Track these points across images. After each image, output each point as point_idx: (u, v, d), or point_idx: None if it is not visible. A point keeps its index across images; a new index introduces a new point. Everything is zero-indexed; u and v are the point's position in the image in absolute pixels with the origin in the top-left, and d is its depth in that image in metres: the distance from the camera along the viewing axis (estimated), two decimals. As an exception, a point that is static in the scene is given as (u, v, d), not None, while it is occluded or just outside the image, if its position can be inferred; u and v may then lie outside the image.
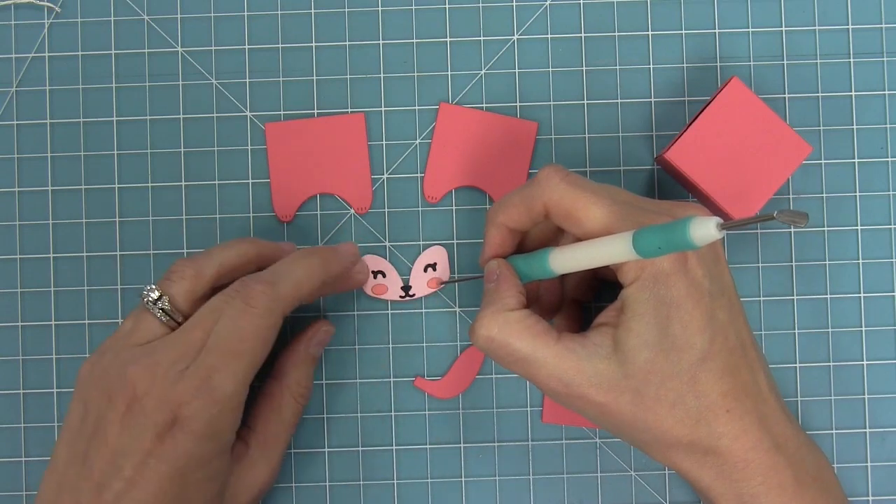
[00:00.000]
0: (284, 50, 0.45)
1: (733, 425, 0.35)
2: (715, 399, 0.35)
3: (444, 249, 0.45)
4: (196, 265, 0.38)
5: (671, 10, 0.45)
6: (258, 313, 0.37)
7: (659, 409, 0.35)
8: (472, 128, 0.44)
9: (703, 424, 0.35)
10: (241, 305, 0.37)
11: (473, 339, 0.37)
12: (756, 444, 0.36)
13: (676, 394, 0.35)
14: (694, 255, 0.35)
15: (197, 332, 0.36)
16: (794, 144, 0.41)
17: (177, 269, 0.38)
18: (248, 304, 0.37)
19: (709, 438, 0.35)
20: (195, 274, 0.38)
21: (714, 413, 0.35)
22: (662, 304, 0.35)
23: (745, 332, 0.37)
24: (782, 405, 0.38)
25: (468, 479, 0.44)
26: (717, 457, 0.36)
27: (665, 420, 0.35)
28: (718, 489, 0.36)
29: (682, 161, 0.41)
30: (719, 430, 0.35)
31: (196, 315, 0.37)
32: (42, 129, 0.45)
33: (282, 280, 0.38)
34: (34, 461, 0.45)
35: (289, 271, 0.38)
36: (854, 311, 0.44)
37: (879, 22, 0.45)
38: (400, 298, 0.44)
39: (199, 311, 0.37)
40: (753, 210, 0.41)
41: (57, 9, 0.45)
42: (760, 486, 0.36)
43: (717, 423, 0.35)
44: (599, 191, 0.36)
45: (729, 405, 0.35)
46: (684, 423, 0.35)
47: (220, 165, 0.45)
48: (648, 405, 0.35)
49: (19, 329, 0.45)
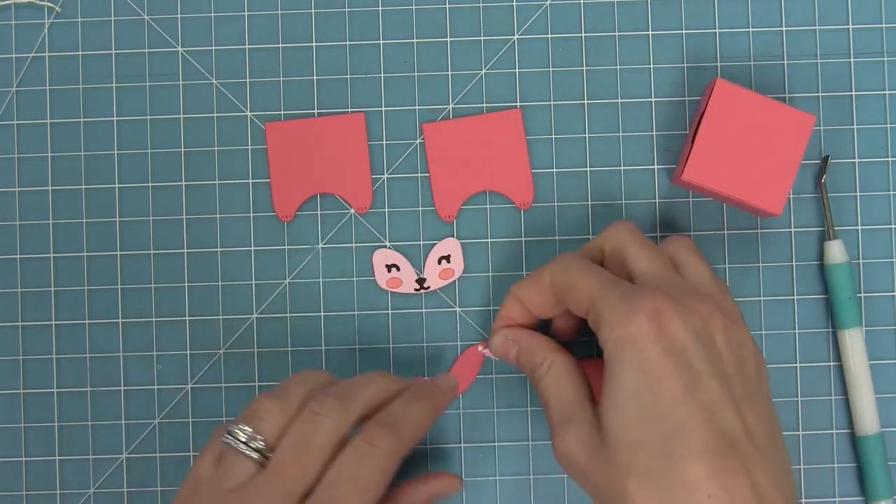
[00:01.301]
0: (284, 50, 0.45)
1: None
2: (691, 480, 0.32)
3: (457, 241, 0.45)
4: (342, 402, 0.37)
5: (671, 10, 0.45)
6: (382, 455, 0.36)
7: (630, 481, 0.33)
8: (462, 136, 0.44)
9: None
10: (365, 446, 0.36)
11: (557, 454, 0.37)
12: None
13: (646, 466, 0.33)
14: (679, 318, 0.34)
15: (296, 472, 0.35)
16: (798, 120, 0.41)
17: (260, 405, 0.37)
18: (372, 445, 0.36)
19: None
20: (344, 407, 0.36)
21: (692, 495, 0.32)
22: (633, 367, 0.34)
23: (752, 417, 0.34)
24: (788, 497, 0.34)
25: (468, 479, 0.44)
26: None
27: (636, 493, 0.33)
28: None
29: (701, 177, 0.41)
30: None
31: (286, 450, 0.36)
32: (42, 129, 0.45)
33: (402, 423, 0.37)
34: (34, 461, 0.45)
35: (407, 414, 0.37)
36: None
37: (879, 22, 0.45)
38: (415, 291, 0.44)
39: (288, 444, 0.36)
40: (784, 199, 0.41)
41: (57, 9, 0.45)
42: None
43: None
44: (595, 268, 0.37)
45: (711, 490, 0.32)
46: (655, 499, 0.32)
47: (220, 165, 0.45)
48: (620, 474, 0.33)
49: (19, 329, 0.45)
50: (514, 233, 0.45)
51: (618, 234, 0.38)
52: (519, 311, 0.40)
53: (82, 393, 0.45)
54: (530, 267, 0.45)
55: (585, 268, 0.37)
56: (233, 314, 0.45)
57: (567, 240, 0.45)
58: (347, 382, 0.38)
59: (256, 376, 0.45)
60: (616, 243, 0.38)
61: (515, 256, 0.45)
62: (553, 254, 0.45)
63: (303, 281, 0.45)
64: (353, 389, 0.38)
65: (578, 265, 0.38)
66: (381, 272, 0.44)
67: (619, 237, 0.38)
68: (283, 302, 0.45)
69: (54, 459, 0.45)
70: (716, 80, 0.41)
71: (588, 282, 0.36)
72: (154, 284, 0.45)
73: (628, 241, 0.38)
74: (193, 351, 0.45)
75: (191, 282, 0.45)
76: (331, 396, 0.37)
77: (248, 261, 0.45)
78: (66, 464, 0.45)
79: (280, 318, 0.45)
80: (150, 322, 0.45)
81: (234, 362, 0.45)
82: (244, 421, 0.37)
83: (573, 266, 0.38)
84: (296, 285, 0.45)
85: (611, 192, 0.45)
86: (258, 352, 0.45)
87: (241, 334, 0.45)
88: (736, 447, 0.33)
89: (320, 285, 0.45)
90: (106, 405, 0.45)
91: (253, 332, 0.45)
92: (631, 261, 0.37)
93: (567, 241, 0.45)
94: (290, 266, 0.45)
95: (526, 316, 0.40)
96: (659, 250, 0.38)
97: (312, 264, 0.45)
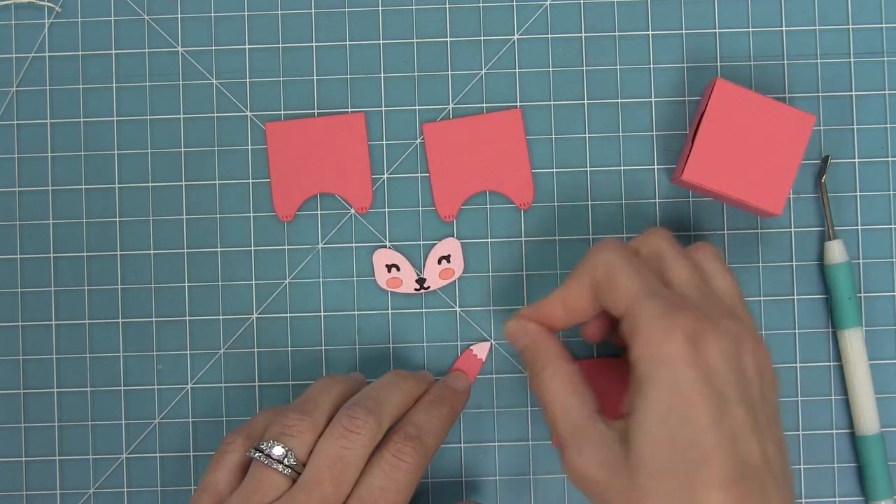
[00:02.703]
0: (284, 50, 0.45)
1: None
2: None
3: (457, 241, 0.45)
4: (373, 417, 0.37)
5: (671, 10, 0.45)
6: (410, 469, 0.37)
7: (647, 502, 0.33)
8: (462, 136, 0.44)
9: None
10: (394, 461, 0.37)
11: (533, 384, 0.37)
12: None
13: (667, 491, 0.32)
14: (715, 341, 0.34)
15: (328, 487, 0.36)
16: (797, 120, 0.41)
17: (291, 421, 0.37)
18: (400, 459, 0.37)
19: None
20: (377, 423, 0.37)
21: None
22: (666, 389, 0.33)
23: (771, 445, 0.34)
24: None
25: (468, 478, 0.44)
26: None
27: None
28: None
29: (701, 177, 0.41)
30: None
31: (321, 467, 0.36)
32: (42, 129, 0.45)
33: (426, 435, 0.38)
34: (34, 461, 0.45)
35: (430, 426, 0.39)
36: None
37: (879, 22, 0.45)
38: (415, 291, 0.44)
39: (322, 461, 0.36)
40: (784, 198, 0.41)
41: (57, 9, 0.45)
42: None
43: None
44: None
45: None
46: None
47: (220, 165, 0.45)
48: (639, 496, 0.33)
49: (19, 329, 0.45)
50: (514, 233, 0.45)
51: (656, 241, 0.38)
52: (559, 312, 0.39)
53: (82, 393, 0.45)
54: (530, 267, 0.45)
55: (629, 268, 0.36)
56: (233, 314, 0.45)
57: (567, 240, 0.45)
58: (373, 393, 0.39)
59: (256, 376, 0.45)
60: (654, 248, 0.38)
61: (515, 256, 0.45)
62: (553, 254, 0.45)
63: (303, 281, 0.45)
64: (381, 402, 0.38)
65: (623, 262, 0.36)
66: (381, 272, 0.44)
67: (657, 243, 0.38)
68: (283, 302, 0.45)
69: (54, 459, 0.45)
70: (716, 80, 0.41)
71: (630, 285, 0.36)
72: (154, 284, 0.45)
73: (667, 249, 0.37)
74: (193, 351, 0.45)
75: (191, 282, 0.45)
76: (362, 410, 0.37)
77: (248, 261, 0.45)
78: (66, 464, 0.45)
79: (280, 318, 0.45)
80: (150, 322, 0.45)
81: (234, 362, 0.45)
82: (273, 437, 0.37)
83: (618, 262, 0.36)
84: (296, 285, 0.45)
85: (611, 192, 0.45)
86: (258, 352, 0.45)
87: (241, 334, 0.45)
88: (756, 478, 0.33)
89: (320, 285, 0.45)
90: (106, 405, 0.45)
91: (253, 332, 0.45)
92: (668, 268, 0.37)
93: (567, 241, 0.45)
94: (290, 266, 0.45)
95: (562, 319, 0.39)
96: (694, 261, 0.38)
97: (312, 264, 0.45)
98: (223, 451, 0.38)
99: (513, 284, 0.45)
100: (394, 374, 0.40)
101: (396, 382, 0.40)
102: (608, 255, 0.37)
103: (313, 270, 0.45)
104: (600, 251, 0.37)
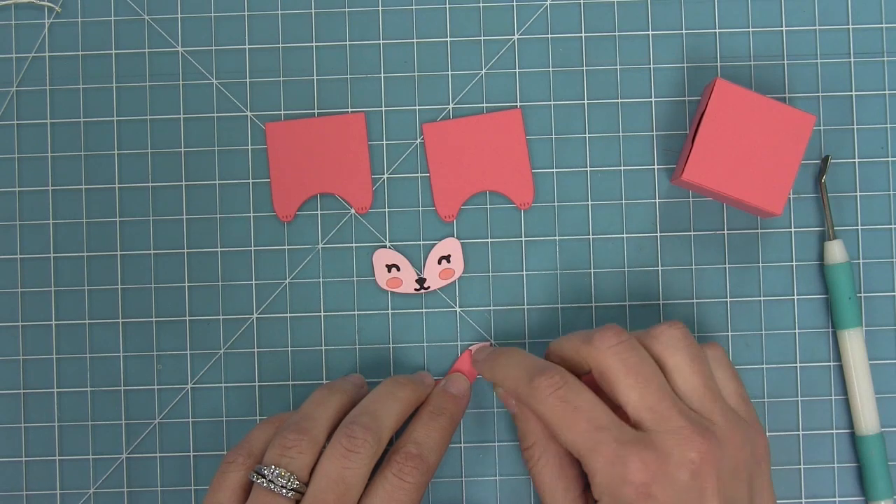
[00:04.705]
0: (284, 50, 0.45)
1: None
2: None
3: (457, 241, 0.45)
4: (372, 435, 0.37)
5: (671, 10, 0.45)
6: (412, 487, 0.37)
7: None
8: (462, 136, 0.44)
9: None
10: (397, 481, 0.37)
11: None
12: None
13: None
14: (665, 488, 0.34)
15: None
16: (797, 120, 0.41)
17: (290, 442, 0.37)
18: (403, 479, 0.37)
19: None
20: (376, 440, 0.37)
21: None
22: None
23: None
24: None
25: (468, 478, 0.44)
26: None
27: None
28: None
29: (701, 177, 0.41)
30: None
31: (324, 488, 0.36)
32: (42, 129, 0.45)
33: (427, 452, 0.38)
34: (34, 461, 0.45)
35: (430, 441, 0.39)
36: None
37: (879, 22, 0.45)
38: (415, 291, 0.44)
39: (324, 482, 0.36)
40: (784, 198, 0.41)
41: (57, 9, 0.45)
42: None
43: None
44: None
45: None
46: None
47: (220, 165, 0.45)
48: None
49: (19, 329, 0.45)
50: (514, 233, 0.45)
51: (669, 340, 0.37)
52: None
53: (82, 393, 0.45)
54: (530, 267, 0.45)
55: (627, 381, 0.36)
56: (233, 314, 0.45)
57: (567, 240, 0.45)
58: (371, 407, 0.39)
59: (256, 376, 0.45)
60: (666, 349, 0.37)
61: (515, 256, 0.45)
62: (553, 253, 0.45)
63: (303, 281, 0.45)
64: (378, 417, 0.38)
65: (622, 372, 0.36)
66: (381, 272, 0.44)
67: (669, 343, 0.37)
68: (283, 302, 0.45)
69: (54, 459, 0.45)
70: (716, 80, 0.41)
71: (579, 430, 0.36)
72: (154, 284, 0.45)
73: (681, 352, 0.37)
74: (193, 351, 0.45)
75: (191, 282, 0.45)
76: (360, 429, 0.37)
77: (248, 261, 0.45)
78: (66, 464, 0.45)
79: (280, 318, 0.45)
80: (150, 322, 0.45)
81: (234, 362, 0.45)
82: (274, 460, 0.37)
83: (618, 367, 0.36)
84: (296, 285, 0.45)
85: (611, 192, 0.45)
86: (258, 352, 0.45)
87: (241, 334, 0.45)
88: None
89: (320, 285, 0.45)
90: (106, 405, 0.45)
91: (253, 332, 0.45)
92: (676, 378, 0.37)
93: (567, 240, 0.45)
94: (290, 266, 0.45)
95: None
96: (708, 368, 0.37)
97: (312, 264, 0.45)
98: (224, 470, 0.38)
99: (513, 284, 0.45)
100: (391, 383, 0.40)
101: (394, 392, 0.40)
102: (610, 360, 0.36)
103: (313, 270, 0.45)
104: (602, 345, 0.37)
